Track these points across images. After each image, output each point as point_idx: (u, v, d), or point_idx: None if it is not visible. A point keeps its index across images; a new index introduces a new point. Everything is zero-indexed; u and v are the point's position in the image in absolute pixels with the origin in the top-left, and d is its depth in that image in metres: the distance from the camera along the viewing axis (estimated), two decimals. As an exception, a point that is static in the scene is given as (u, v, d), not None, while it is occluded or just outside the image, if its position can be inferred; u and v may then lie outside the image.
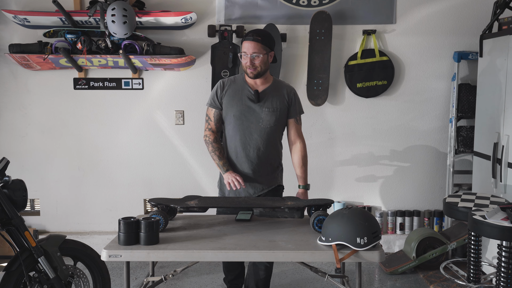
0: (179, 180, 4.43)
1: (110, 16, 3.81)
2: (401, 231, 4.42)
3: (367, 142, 4.42)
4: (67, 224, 4.45)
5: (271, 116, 2.90)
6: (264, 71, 2.86)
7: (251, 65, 2.81)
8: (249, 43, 2.80)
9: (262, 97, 2.90)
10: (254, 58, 2.81)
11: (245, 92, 2.91)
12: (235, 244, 2.40)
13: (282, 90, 2.95)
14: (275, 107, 2.90)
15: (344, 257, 2.27)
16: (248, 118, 2.90)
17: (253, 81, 2.92)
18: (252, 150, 2.92)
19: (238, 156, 2.94)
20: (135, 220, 2.40)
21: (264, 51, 2.82)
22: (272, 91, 2.92)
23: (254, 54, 2.80)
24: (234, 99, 2.91)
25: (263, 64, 2.84)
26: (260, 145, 2.91)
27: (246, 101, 2.90)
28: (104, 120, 4.38)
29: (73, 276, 2.79)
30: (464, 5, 4.27)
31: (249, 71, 2.84)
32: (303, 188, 3.02)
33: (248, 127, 2.90)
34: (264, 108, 2.89)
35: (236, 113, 2.90)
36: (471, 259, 2.95)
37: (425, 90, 4.36)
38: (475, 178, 3.98)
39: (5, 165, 2.61)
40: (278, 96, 2.92)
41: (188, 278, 3.86)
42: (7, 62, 4.27)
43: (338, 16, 4.25)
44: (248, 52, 2.81)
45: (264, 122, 2.89)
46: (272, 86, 2.94)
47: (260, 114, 2.89)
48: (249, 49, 2.80)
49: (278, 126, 2.95)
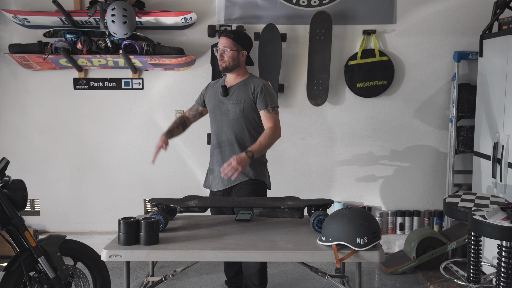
0: (179, 180, 4.43)
1: (110, 16, 3.81)
2: (401, 231, 4.42)
3: (367, 142, 4.42)
4: (67, 224, 4.46)
5: (235, 108, 3.05)
6: (232, 66, 3.05)
7: (220, 58, 3.04)
8: (222, 38, 3.04)
9: (230, 91, 3.09)
10: (224, 52, 3.02)
11: (219, 89, 3.13)
12: (235, 244, 2.40)
13: (250, 84, 3.08)
14: (239, 99, 3.05)
15: (344, 257, 2.27)
16: (219, 111, 3.10)
17: (228, 79, 3.14)
18: (223, 141, 3.10)
19: (215, 147, 3.15)
20: (135, 220, 2.40)
21: (235, 48, 3.02)
22: (240, 86, 3.09)
23: (224, 48, 3.02)
24: (211, 96, 3.18)
25: (231, 59, 3.03)
26: (230, 136, 3.07)
27: (218, 96, 3.12)
28: (104, 120, 4.39)
29: (73, 276, 2.79)
30: (464, 5, 4.28)
31: (219, 63, 3.07)
32: (244, 153, 2.78)
33: (220, 119, 3.10)
34: (230, 101, 3.07)
35: (211, 107, 3.16)
36: (471, 259, 2.95)
37: (425, 90, 4.36)
38: (475, 178, 3.98)
39: (5, 165, 2.61)
40: (244, 90, 3.07)
41: (188, 278, 3.86)
42: (7, 62, 4.27)
43: (338, 16, 4.25)
44: (220, 46, 3.04)
45: (230, 113, 3.06)
46: (242, 82, 3.10)
47: (228, 106, 3.07)
48: (220, 43, 3.04)
49: (246, 118, 3.05)
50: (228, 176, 2.73)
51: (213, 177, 3.14)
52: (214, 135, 3.16)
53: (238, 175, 2.93)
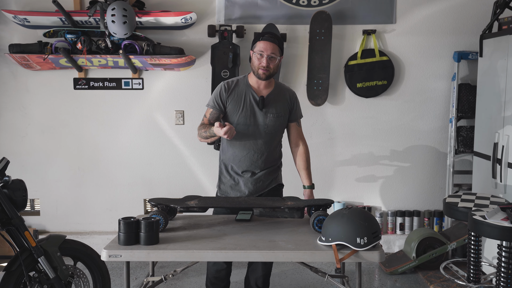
0: (179, 180, 4.43)
1: (110, 16, 3.81)
2: (401, 231, 4.42)
3: (367, 142, 4.42)
4: (67, 224, 4.45)
5: (275, 122, 2.88)
6: (274, 74, 2.83)
7: (266, 66, 2.75)
8: (268, 43, 2.74)
9: (267, 103, 2.86)
10: (271, 59, 2.75)
11: (249, 96, 2.86)
12: (235, 244, 2.40)
13: (285, 94, 2.94)
14: (279, 112, 2.89)
15: (344, 257, 2.27)
16: (253, 123, 2.86)
17: (257, 85, 2.86)
18: (256, 155, 2.89)
19: (242, 160, 2.90)
20: (135, 220, 2.40)
21: (279, 54, 2.79)
22: (275, 96, 2.90)
23: (272, 55, 2.75)
24: (238, 104, 2.85)
25: (276, 68, 2.81)
26: (264, 150, 2.90)
27: (252, 107, 2.85)
28: (104, 120, 4.38)
29: (73, 276, 2.79)
30: (464, 5, 4.27)
31: (262, 71, 2.77)
32: (309, 188, 3.03)
33: (253, 132, 2.86)
34: (269, 114, 2.86)
35: (241, 119, 2.85)
36: (471, 259, 2.95)
37: (425, 90, 4.36)
38: (475, 178, 3.98)
39: (5, 165, 2.61)
40: (281, 102, 2.91)
41: (188, 278, 3.86)
42: (7, 62, 4.27)
43: (338, 16, 4.25)
44: (266, 53, 2.74)
45: (268, 127, 2.87)
46: (275, 91, 2.91)
47: (265, 120, 2.86)
48: (267, 50, 2.74)
49: (281, 129, 2.98)
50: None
51: (236, 185, 2.95)
52: (242, 147, 2.88)
53: (273, 181, 3.00)
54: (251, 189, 2.93)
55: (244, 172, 2.92)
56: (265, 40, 2.75)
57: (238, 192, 2.95)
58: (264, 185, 2.96)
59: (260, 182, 2.95)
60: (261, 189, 2.96)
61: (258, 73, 2.79)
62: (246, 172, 2.93)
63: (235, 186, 2.95)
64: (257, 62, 2.77)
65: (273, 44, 2.74)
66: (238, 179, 2.94)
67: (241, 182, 2.94)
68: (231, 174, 2.95)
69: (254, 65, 2.81)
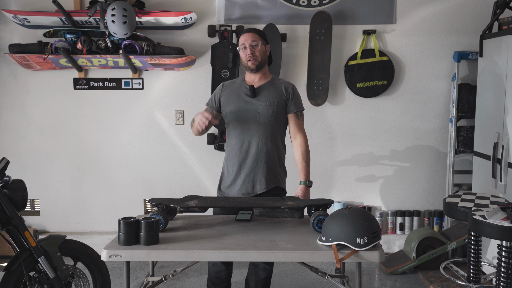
0: (179, 180, 4.43)
1: (110, 16, 3.81)
2: (401, 231, 4.42)
3: (367, 142, 4.42)
4: (67, 224, 4.46)
5: (267, 110, 2.85)
6: (263, 62, 2.86)
7: (251, 55, 2.81)
8: (246, 35, 2.84)
9: (259, 92, 2.87)
10: (254, 47, 2.82)
11: (242, 89, 2.90)
12: (235, 244, 2.40)
13: (280, 85, 2.92)
14: (272, 100, 2.87)
15: (344, 257, 2.27)
16: (245, 113, 2.87)
17: (252, 79, 2.91)
18: (250, 146, 2.88)
19: (237, 153, 2.90)
20: (135, 220, 2.39)
21: (261, 41, 2.84)
22: (269, 86, 2.90)
23: (253, 42, 2.81)
24: (231, 97, 2.91)
25: (262, 54, 2.84)
26: (258, 140, 2.87)
27: (243, 97, 2.88)
28: (104, 120, 4.39)
29: (73, 276, 2.79)
30: (464, 5, 4.28)
31: (250, 62, 2.82)
32: (303, 184, 2.90)
33: (246, 122, 2.86)
34: (261, 102, 2.86)
35: (233, 109, 2.88)
36: (471, 259, 2.95)
37: (425, 90, 4.37)
38: (475, 178, 3.98)
39: (5, 165, 2.61)
40: (275, 90, 2.90)
41: (188, 278, 3.86)
42: (7, 62, 4.27)
43: (338, 16, 4.25)
44: (247, 42, 2.82)
45: (261, 116, 2.85)
46: (269, 82, 2.93)
47: (257, 108, 2.85)
48: (247, 40, 2.82)
49: (277, 121, 2.90)
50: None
51: (236, 182, 2.92)
52: (237, 140, 2.90)
53: (270, 180, 2.90)
54: (250, 189, 2.92)
55: (241, 169, 2.90)
56: (243, 33, 2.87)
57: (237, 192, 2.93)
58: (262, 186, 2.91)
59: (258, 181, 2.92)
60: (260, 189, 2.93)
61: (248, 66, 2.86)
62: (242, 169, 2.90)
63: (233, 186, 2.94)
64: (244, 55, 2.85)
65: (251, 33, 2.84)
66: (236, 178, 2.93)
67: (239, 181, 2.92)
68: (230, 173, 2.95)
69: (243, 61, 2.89)
